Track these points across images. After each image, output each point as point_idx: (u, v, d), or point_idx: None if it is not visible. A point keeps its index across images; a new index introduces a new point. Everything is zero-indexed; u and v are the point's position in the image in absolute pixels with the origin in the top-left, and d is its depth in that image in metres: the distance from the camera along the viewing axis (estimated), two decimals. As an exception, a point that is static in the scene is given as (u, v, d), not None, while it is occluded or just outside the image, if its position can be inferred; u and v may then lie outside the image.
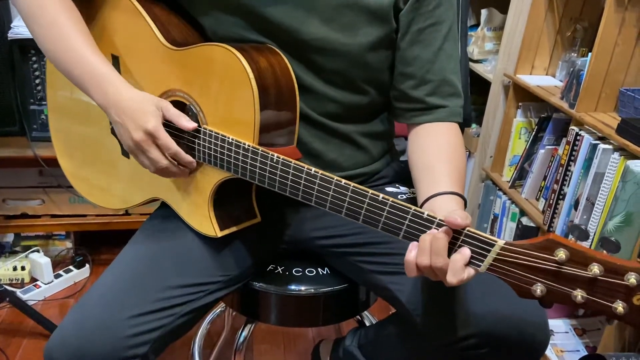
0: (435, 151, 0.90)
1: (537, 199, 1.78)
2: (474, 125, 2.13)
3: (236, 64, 0.82)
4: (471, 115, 1.96)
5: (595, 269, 0.64)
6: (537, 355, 0.84)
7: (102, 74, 0.86)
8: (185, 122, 0.86)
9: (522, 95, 1.85)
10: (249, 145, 0.83)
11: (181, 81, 0.90)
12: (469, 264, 0.71)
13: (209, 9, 0.91)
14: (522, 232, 1.81)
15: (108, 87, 0.86)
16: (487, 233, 2.18)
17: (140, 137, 0.84)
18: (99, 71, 0.86)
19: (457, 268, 0.69)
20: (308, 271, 1.05)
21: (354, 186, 0.76)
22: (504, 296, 0.81)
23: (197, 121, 0.89)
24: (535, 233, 1.78)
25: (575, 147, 1.52)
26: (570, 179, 1.55)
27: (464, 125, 0.99)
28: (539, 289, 0.67)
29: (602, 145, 1.43)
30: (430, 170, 0.87)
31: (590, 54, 1.49)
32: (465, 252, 0.70)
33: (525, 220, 1.80)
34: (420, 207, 0.83)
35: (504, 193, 1.92)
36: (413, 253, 0.72)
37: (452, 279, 0.69)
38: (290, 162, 0.81)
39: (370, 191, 0.75)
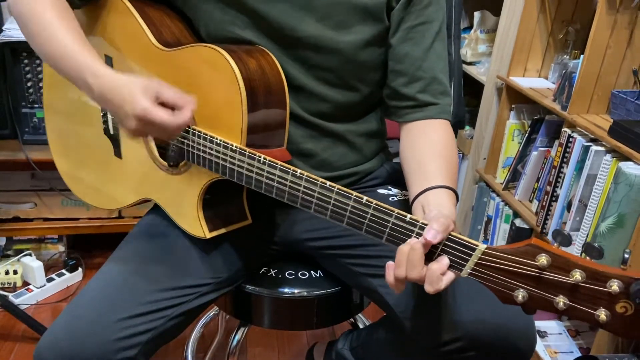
0: (427, 147, 0.90)
1: (531, 201, 1.79)
2: (467, 127, 2.14)
3: (225, 66, 0.82)
4: (465, 117, 1.97)
5: (577, 275, 0.63)
6: None
7: (84, 64, 0.82)
8: (181, 115, 0.79)
9: (515, 97, 1.85)
10: (236, 147, 0.83)
11: (172, 82, 0.89)
12: (450, 267, 0.70)
13: (203, 7, 0.91)
14: (516, 234, 1.81)
15: (89, 79, 0.81)
16: (480, 234, 2.18)
17: (135, 125, 0.78)
18: (81, 61, 0.83)
19: (434, 278, 0.68)
20: (301, 274, 1.05)
21: (338, 188, 0.76)
22: (490, 301, 0.81)
23: None
24: (528, 234, 1.78)
25: (567, 149, 1.53)
26: (563, 180, 1.55)
27: (457, 127, 0.99)
28: (520, 294, 0.67)
29: (594, 147, 1.44)
30: (421, 165, 0.88)
31: (582, 56, 1.50)
32: (443, 262, 0.69)
33: (518, 222, 1.80)
34: (412, 202, 0.83)
35: (498, 195, 1.93)
36: (390, 272, 0.72)
37: (429, 288, 0.69)
38: (277, 163, 0.81)
39: (354, 193, 0.75)
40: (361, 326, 1.23)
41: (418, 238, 0.71)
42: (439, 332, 0.83)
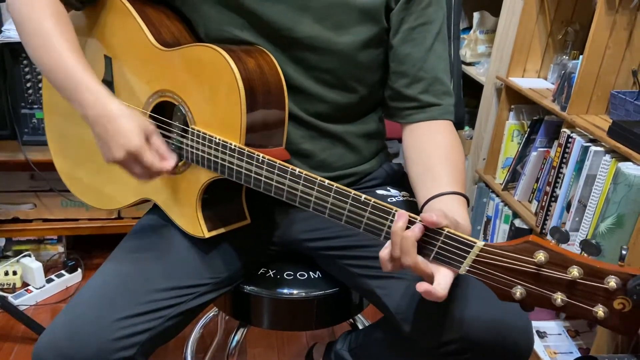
0: (433, 150, 0.90)
1: (530, 201, 1.79)
2: (466, 128, 2.14)
3: (224, 65, 0.82)
4: (464, 117, 1.97)
5: (575, 272, 0.63)
6: None
7: (81, 81, 0.82)
8: (166, 162, 0.84)
9: (515, 98, 1.86)
10: (235, 146, 0.83)
11: (171, 82, 0.90)
12: (449, 264, 0.70)
13: (202, 7, 0.91)
14: (515, 234, 1.81)
15: (86, 96, 0.82)
16: (480, 235, 2.18)
17: (122, 157, 0.81)
18: (78, 78, 0.83)
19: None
20: (300, 274, 1.05)
21: (337, 186, 0.77)
22: (488, 301, 0.81)
23: (185, 121, 0.89)
24: (528, 235, 1.78)
25: (567, 150, 1.53)
26: (562, 181, 1.55)
27: (457, 128, 0.99)
28: (518, 291, 0.67)
29: (593, 148, 1.44)
30: (429, 170, 0.87)
31: (581, 56, 1.50)
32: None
33: (518, 222, 1.80)
34: (422, 208, 0.83)
35: (497, 195, 1.93)
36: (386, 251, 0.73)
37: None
38: (275, 162, 0.81)
39: (353, 191, 0.76)
40: (360, 327, 1.23)
41: None
42: (437, 333, 0.83)
